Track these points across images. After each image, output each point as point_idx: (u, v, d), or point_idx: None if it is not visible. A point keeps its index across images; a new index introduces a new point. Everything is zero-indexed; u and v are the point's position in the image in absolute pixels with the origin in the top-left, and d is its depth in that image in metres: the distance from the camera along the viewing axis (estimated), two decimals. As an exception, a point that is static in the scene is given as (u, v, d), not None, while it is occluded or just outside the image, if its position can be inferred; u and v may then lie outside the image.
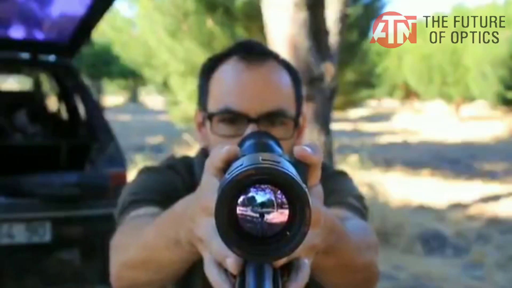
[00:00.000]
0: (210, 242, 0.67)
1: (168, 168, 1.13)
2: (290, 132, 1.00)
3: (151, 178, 1.10)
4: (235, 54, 1.02)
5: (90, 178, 3.74)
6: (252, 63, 1.00)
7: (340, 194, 1.07)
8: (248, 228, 0.54)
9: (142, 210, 1.00)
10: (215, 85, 1.02)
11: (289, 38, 3.47)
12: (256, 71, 0.99)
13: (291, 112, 1.01)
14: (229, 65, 1.01)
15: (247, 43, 1.06)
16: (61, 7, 3.80)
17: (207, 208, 0.67)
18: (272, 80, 1.00)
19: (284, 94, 1.01)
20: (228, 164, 0.62)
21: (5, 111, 4.74)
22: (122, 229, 0.99)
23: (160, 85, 9.74)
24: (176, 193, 1.03)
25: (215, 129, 0.99)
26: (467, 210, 6.71)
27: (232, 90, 0.98)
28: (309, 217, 0.53)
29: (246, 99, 0.97)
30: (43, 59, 4.40)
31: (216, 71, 1.03)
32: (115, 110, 23.84)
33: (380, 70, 12.35)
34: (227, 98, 0.98)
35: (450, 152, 12.26)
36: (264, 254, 0.54)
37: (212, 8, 6.74)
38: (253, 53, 1.01)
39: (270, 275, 0.56)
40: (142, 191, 1.05)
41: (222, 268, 0.63)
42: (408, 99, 28.78)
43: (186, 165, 1.14)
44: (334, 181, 1.11)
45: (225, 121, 0.98)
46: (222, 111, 0.98)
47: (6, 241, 3.44)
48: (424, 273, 4.45)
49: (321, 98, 3.57)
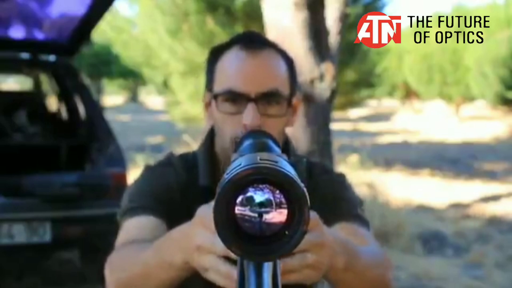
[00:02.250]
0: (213, 242, 0.78)
1: (166, 166, 1.26)
2: (283, 110, 1.15)
3: (148, 182, 1.23)
4: (237, 43, 1.17)
5: (90, 178, 3.74)
6: (251, 51, 1.15)
7: (349, 204, 1.20)
8: (246, 228, 0.54)
9: (135, 221, 1.15)
10: (220, 70, 1.17)
11: (289, 38, 3.46)
12: (255, 58, 1.14)
13: (285, 92, 1.15)
14: (232, 53, 1.16)
15: (248, 34, 1.24)
16: (61, 7, 3.80)
17: (203, 220, 0.82)
18: (269, 65, 1.15)
19: (279, 77, 1.15)
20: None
21: (5, 111, 4.74)
22: (118, 251, 1.10)
23: (160, 85, 9.74)
24: (170, 194, 1.20)
25: (219, 107, 1.14)
26: (467, 210, 6.71)
27: (234, 74, 1.13)
28: (307, 216, 0.53)
29: (246, 82, 1.12)
30: (43, 59, 4.40)
31: (220, 58, 1.18)
32: (115, 110, 23.84)
33: (380, 70, 12.34)
34: (230, 81, 1.13)
35: (450, 152, 12.26)
36: (263, 254, 0.54)
37: (212, 8, 6.74)
38: (253, 42, 1.17)
39: (270, 274, 0.56)
40: (138, 198, 1.19)
41: (231, 261, 0.75)
42: (408, 99, 28.77)
43: (185, 161, 1.26)
44: (340, 187, 1.24)
45: (228, 101, 1.13)
46: (226, 92, 1.13)
47: (6, 241, 3.43)
48: (424, 273, 4.45)
49: (321, 98, 3.57)
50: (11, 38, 4.22)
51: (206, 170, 1.22)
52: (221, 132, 1.18)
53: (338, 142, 7.61)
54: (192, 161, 1.26)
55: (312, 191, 1.04)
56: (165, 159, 1.29)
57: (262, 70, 1.14)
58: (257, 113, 1.09)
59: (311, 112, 3.51)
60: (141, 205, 1.17)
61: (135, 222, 1.15)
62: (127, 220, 1.16)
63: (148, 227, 1.12)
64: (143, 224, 1.13)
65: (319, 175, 1.24)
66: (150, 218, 1.14)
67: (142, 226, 1.13)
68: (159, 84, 9.65)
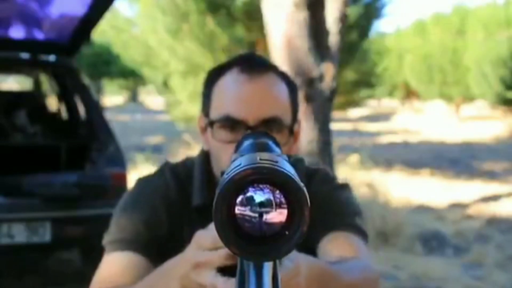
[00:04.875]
0: (209, 256, 0.81)
1: (158, 180, 1.20)
2: (285, 139, 1.08)
3: (137, 205, 1.17)
4: (237, 66, 1.10)
5: (90, 178, 3.74)
6: (251, 75, 1.08)
7: (346, 213, 1.16)
8: (247, 228, 0.54)
9: (119, 258, 1.11)
10: (217, 94, 1.10)
11: (289, 38, 3.47)
12: (255, 83, 1.07)
13: (286, 120, 1.09)
14: (230, 76, 1.09)
15: (248, 56, 1.15)
16: (61, 7, 3.80)
17: (198, 240, 0.84)
18: (270, 91, 1.08)
19: (281, 103, 1.09)
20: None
21: (5, 111, 4.74)
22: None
23: (160, 85, 9.74)
24: (159, 216, 1.15)
25: (215, 135, 1.08)
26: (467, 210, 6.71)
27: (233, 100, 1.06)
28: (307, 216, 0.53)
29: (245, 108, 1.05)
30: (43, 59, 4.40)
31: (218, 81, 1.11)
32: (115, 110, 23.84)
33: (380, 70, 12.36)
34: (228, 106, 1.06)
35: (450, 152, 12.26)
36: (263, 254, 0.54)
37: (213, 8, 6.74)
38: (253, 65, 1.10)
39: (270, 274, 0.56)
40: (125, 226, 1.14)
41: (229, 274, 0.78)
42: (408, 99, 28.79)
43: (177, 177, 1.20)
44: (339, 196, 1.19)
45: (225, 128, 1.06)
46: (222, 119, 1.06)
47: (6, 241, 3.43)
48: (424, 273, 4.45)
49: (321, 98, 3.57)
50: (11, 38, 4.22)
51: (201, 189, 1.16)
52: (217, 160, 1.11)
53: (338, 142, 7.62)
54: (186, 177, 1.19)
55: (312, 199, 1.05)
56: (158, 172, 1.23)
57: (262, 96, 1.07)
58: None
59: (311, 112, 3.52)
60: (127, 237, 1.12)
61: (118, 259, 1.10)
62: (111, 253, 1.12)
63: (131, 267, 1.08)
64: (126, 263, 1.09)
65: (320, 183, 1.19)
66: (134, 256, 1.09)
67: (125, 265, 1.09)
68: (159, 84, 9.65)
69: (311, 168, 1.23)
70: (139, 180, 1.23)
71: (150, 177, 1.22)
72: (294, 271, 0.81)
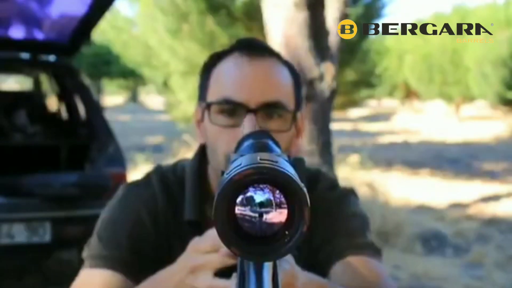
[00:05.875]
0: (206, 259, 0.81)
1: (145, 188, 1.11)
2: (287, 125, 1.01)
3: (121, 216, 1.09)
4: (237, 50, 1.03)
5: (90, 178, 3.74)
6: (253, 57, 1.01)
7: (358, 229, 1.08)
8: (247, 228, 0.54)
9: (96, 276, 1.04)
10: (215, 78, 1.03)
11: (289, 38, 3.47)
12: (257, 65, 1.01)
13: (289, 105, 1.02)
14: (230, 60, 1.03)
15: (249, 40, 1.08)
16: (61, 7, 3.80)
17: (195, 245, 0.84)
18: (272, 74, 1.01)
19: (284, 89, 1.02)
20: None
21: (5, 111, 4.74)
22: None
23: (160, 85, 9.74)
24: (144, 231, 1.07)
25: (213, 119, 1.00)
26: (467, 210, 6.71)
27: (232, 82, 0.99)
28: (307, 216, 0.53)
29: (245, 90, 0.98)
30: (43, 59, 4.40)
31: (217, 66, 1.04)
32: (115, 110, 23.84)
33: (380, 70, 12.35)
34: (227, 89, 0.99)
35: (450, 152, 12.26)
36: (264, 254, 0.54)
37: (213, 8, 6.74)
38: (255, 48, 1.03)
39: (270, 274, 0.56)
40: (107, 239, 1.07)
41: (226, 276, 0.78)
42: (408, 99, 28.78)
43: (167, 186, 1.11)
44: (347, 207, 1.11)
45: (224, 112, 0.99)
46: (221, 101, 0.99)
47: (6, 241, 3.43)
48: (424, 273, 4.45)
49: (321, 98, 3.57)
50: (11, 38, 4.22)
51: (193, 201, 1.07)
52: (214, 149, 1.02)
53: (338, 142, 7.61)
54: (177, 186, 1.11)
55: (316, 206, 1.04)
56: (145, 180, 1.13)
57: (264, 78, 1.00)
58: (257, 126, 0.95)
59: (311, 112, 3.51)
60: (108, 254, 1.04)
61: (97, 277, 1.03)
62: (90, 270, 1.05)
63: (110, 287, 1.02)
64: (105, 283, 1.02)
65: (326, 190, 1.12)
66: (114, 276, 1.02)
67: (103, 285, 1.02)
68: (159, 84, 9.65)
69: (312, 170, 1.17)
70: (125, 188, 1.14)
71: (137, 185, 1.13)
72: (290, 273, 0.81)
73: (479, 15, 19.06)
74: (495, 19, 17.39)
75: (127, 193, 1.12)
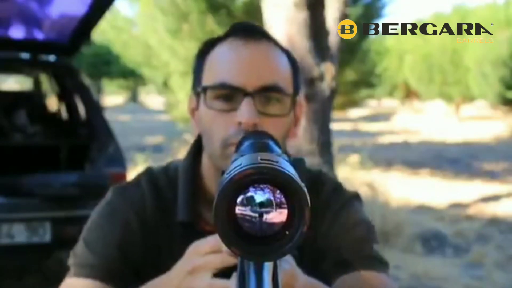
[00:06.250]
0: (205, 260, 0.81)
1: (135, 190, 1.07)
2: (286, 109, 0.97)
3: (107, 222, 1.04)
4: (232, 34, 0.99)
5: (90, 178, 3.74)
6: (249, 40, 0.97)
7: (365, 240, 1.08)
8: (247, 228, 0.54)
9: (83, 284, 1.00)
10: (210, 63, 0.98)
11: (289, 38, 3.47)
12: (253, 48, 0.97)
13: (288, 89, 0.98)
14: (224, 45, 0.98)
15: (243, 24, 1.03)
16: (61, 7, 3.80)
17: (194, 248, 0.84)
18: (269, 57, 0.98)
19: (281, 71, 0.98)
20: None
21: (5, 111, 4.74)
22: None
23: (160, 85, 9.74)
24: (131, 237, 1.02)
25: (209, 104, 0.95)
26: (467, 210, 6.71)
27: (228, 66, 0.95)
28: (308, 216, 0.53)
29: (242, 73, 0.94)
30: (43, 59, 4.40)
31: (212, 51, 1.00)
32: (115, 110, 23.84)
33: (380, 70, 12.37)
34: (223, 73, 0.95)
35: (450, 152, 12.26)
36: (264, 254, 0.54)
37: (213, 8, 6.74)
38: (251, 32, 0.99)
39: (270, 274, 0.56)
40: (94, 246, 1.02)
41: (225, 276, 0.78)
42: (408, 99, 28.79)
43: (156, 188, 1.07)
44: (353, 214, 1.09)
45: (220, 97, 0.95)
46: (217, 86, 0.94)
47: (6, 241, 3.44)
48: (424, 273, 4.45)
49: (321, 98, 3.57)
50: (11, 38, 4.22)
51: (186, 202, 1.02)
52: (209, 135, 0.97)
53: (338, 142, 7.61)
54: (168, 187, 1.06)
55: (321, 208, 1.01)
56: (134, 182, 1.08)
57: (261, 61, 0.96)
58: (255, 110, 0.91)
59: (311, 112, 3.51)
60: (95, 263, 1.00)
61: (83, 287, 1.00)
62: (75, 278, 1.02)
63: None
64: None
65: (331, 192, 1.09)
66: (100, 286, 0.99)
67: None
68: (159, 84, 9.65)
69: (314, 172, 1.12)
70: (113, 191, 1.08)
71: (125, 187, 1.08)
72: (290, 274, 0.81)
73: (479, 15, 19.07)
74: (495, 19, 17.40)
75: (115, 196, 1.07)
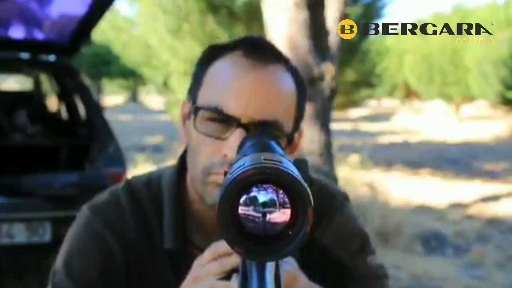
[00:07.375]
0: (208, 267, 0.80)
1: (113, 208, 0.97)
2: (281, 145, 0.92)
3: (84, 255, 0.95)
4: (240, 49, 0.90)
5: (90, 178, 3.73)
6: (256, 62, 0.88)
7: (363, 254, 1.06)
8: (250, 228, 0.54)
9: None
10: (210, 78, 0.90)
11: (289, 38, 3.47)
12: (258, 73, 0.87)
13: (287, 126, 0.89)
14: (230, 59, 0.89)
15: (255, 39, 0.93)
16: (61, 7, 3.80)
17: (199, 261, 0.82)
18: (274, 87, 0.88)
19: (284, 105, 0.89)
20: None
21: (5, 111, 4.73)
22: None
23: (160, 85, 9.73)
24: (113, 264, 0.94)
25: (199, 125, 0.88)
26: (467, 210, 6.71)
27: (227, 89, 0.86)
28: (311, 216, 0.53)
29: (240, 102, 0.85)
30: (43, 59, 4.40)
31: (215, 62, 0.91)
32: (115, 110, 23.84)
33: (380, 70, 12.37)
34: (220, 96, 0.86)
35: (450, 152, 12.26)
36: (267, 254, 0.54)
37: (213, 8, 6.74)
38: (261, 51, 0.90)
39: (272, 274, 0.56)
40: (69, 275, 0.93)
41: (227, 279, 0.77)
42: (408, 99, 28.80)
43: (138, 206, 0.97)
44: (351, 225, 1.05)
45: (212, 121, 0.87)
46: (211, 109, 0.86)
47: (6, 241, 3.43)
48: (424, 273, 4.45)
49: (321, 98, 3.57)
50: (11, 38, 4.22)
51: (174, 226, 0.93)
52: (193, 159, 0.90)
53: (338, 142, 7.61)
54: (151, 204, 0.97)
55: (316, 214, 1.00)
56: (111, 199, 0.98)
57: (263, 91, 0.86)
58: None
59: (311, 112, 3.51)
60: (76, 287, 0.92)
61: None
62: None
63: None
64: None
65: (315, 192, 0.97)
66: None
67: None
68: (159, 84, 9.64)
69: (321, 187, 1.05)
70: (89, 211, 0.98)
71: (102, 206, 0.98)
72: (291, 274, 0.81)
73: (479, 15, 19.08)
74: (495, 19, 17.41)
75: (91, 218, 0.96)
